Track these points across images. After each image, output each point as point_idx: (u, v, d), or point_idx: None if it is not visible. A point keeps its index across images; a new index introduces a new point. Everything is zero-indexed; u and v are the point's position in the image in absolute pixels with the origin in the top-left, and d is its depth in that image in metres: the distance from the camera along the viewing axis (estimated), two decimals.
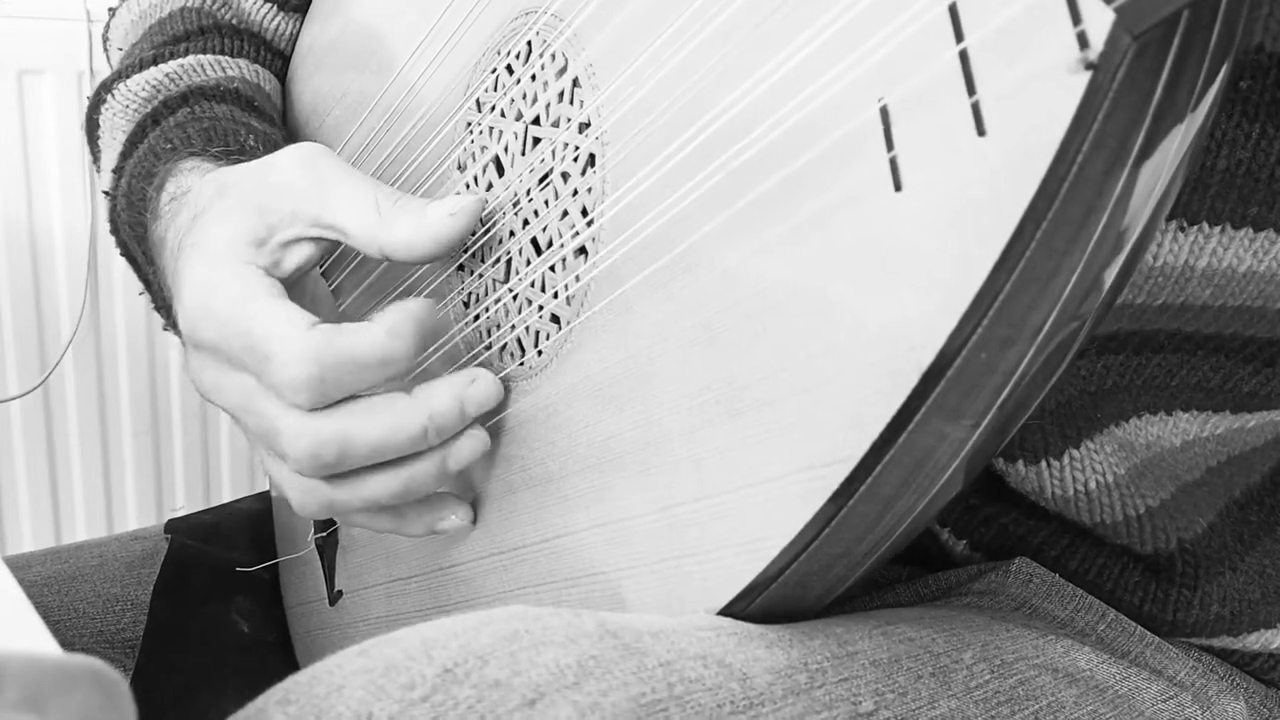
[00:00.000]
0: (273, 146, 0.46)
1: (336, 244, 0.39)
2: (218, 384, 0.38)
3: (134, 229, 0.47)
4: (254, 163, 0.40)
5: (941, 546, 0.45)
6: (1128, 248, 0.25)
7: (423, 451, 0.37)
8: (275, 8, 0.57)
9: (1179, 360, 0.39)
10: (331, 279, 0.49)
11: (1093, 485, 0.40)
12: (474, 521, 0.40)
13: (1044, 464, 0.40)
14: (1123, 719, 0.36)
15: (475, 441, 0.37)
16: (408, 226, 0.37)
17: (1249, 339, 0.39)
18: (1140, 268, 0.35)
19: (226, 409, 0.38)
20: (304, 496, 0.38)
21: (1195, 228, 0.34)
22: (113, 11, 0.60)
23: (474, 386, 0.36)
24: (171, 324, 0.51)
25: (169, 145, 0.46)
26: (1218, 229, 0.34)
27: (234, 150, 0.45)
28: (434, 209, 0.37)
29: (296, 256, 0.38)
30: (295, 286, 0.41)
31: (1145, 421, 0.40)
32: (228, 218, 0.38)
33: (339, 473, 0.36)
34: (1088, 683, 0.36)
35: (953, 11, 0.23)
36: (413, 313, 0.36)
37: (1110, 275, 0.25)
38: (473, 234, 0.40)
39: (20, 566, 0.57)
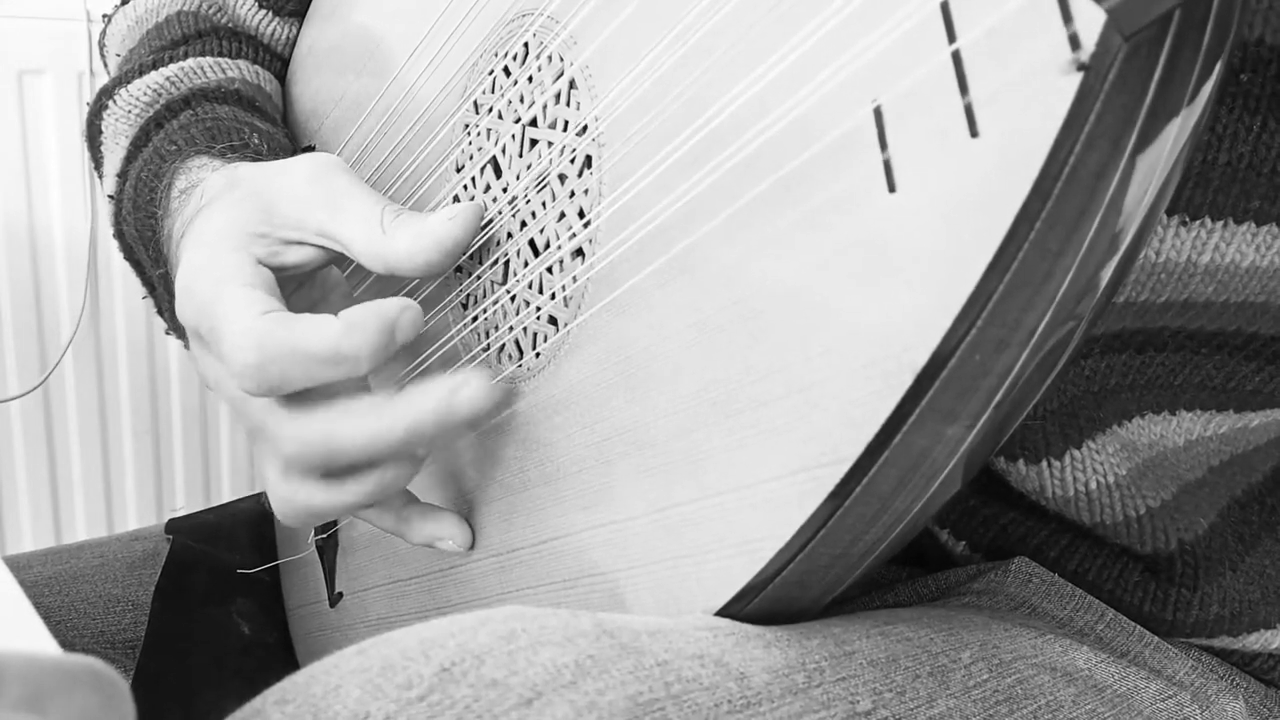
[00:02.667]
0: (276, 145, 0.47)
1: (340, 255, 0.39)
2: (215, 375, 0.38)
3: (140, 231, 0.47)
4: (269, 164, 0.40)
5: (941, 547, 0.45)
6: (1123, 248, 0.25)
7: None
8: (270, 13, 0.57)
9: (1182, 359, 0.39)
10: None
11: (1093, 485, 0.40)
12: (472, 547, 0.40)
13: (1045, 464, 0.40)
14: (1121, 718, 0.36)
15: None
16: (407, 237, 0.36)
17: (1252, 335, 0.39)
18: (1143, 264, 0.34)
19: (225, 401, 0.38)
20: (284, 506, 0.38)
21: (1197, 223, 0.34)
22: (108, 18, 0.60)
23: (460, 394, 0.34)
24: (174, 328, 0.51)
25: (174, 147, 0.46)
26: (1220, 224, 0.34)
27: (239, 147, 0.45)
28: (432, 217, 0.37)
29: (296, 255, 0.38)
30: (306, 283, 0.41)
31: (1148, 421, 0.40)
32: (234, 208, 0.38)
33: (324, 475, 0.36)
34: (1086, 682, 0.36)
35: (945, 11, 0.23)
36: (381, 312, 0.34)
37: (1106, 276, 0.25)
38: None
39: (20, 566, 0.57)
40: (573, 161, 0.36)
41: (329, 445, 0.35)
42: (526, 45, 0.39)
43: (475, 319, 0.41)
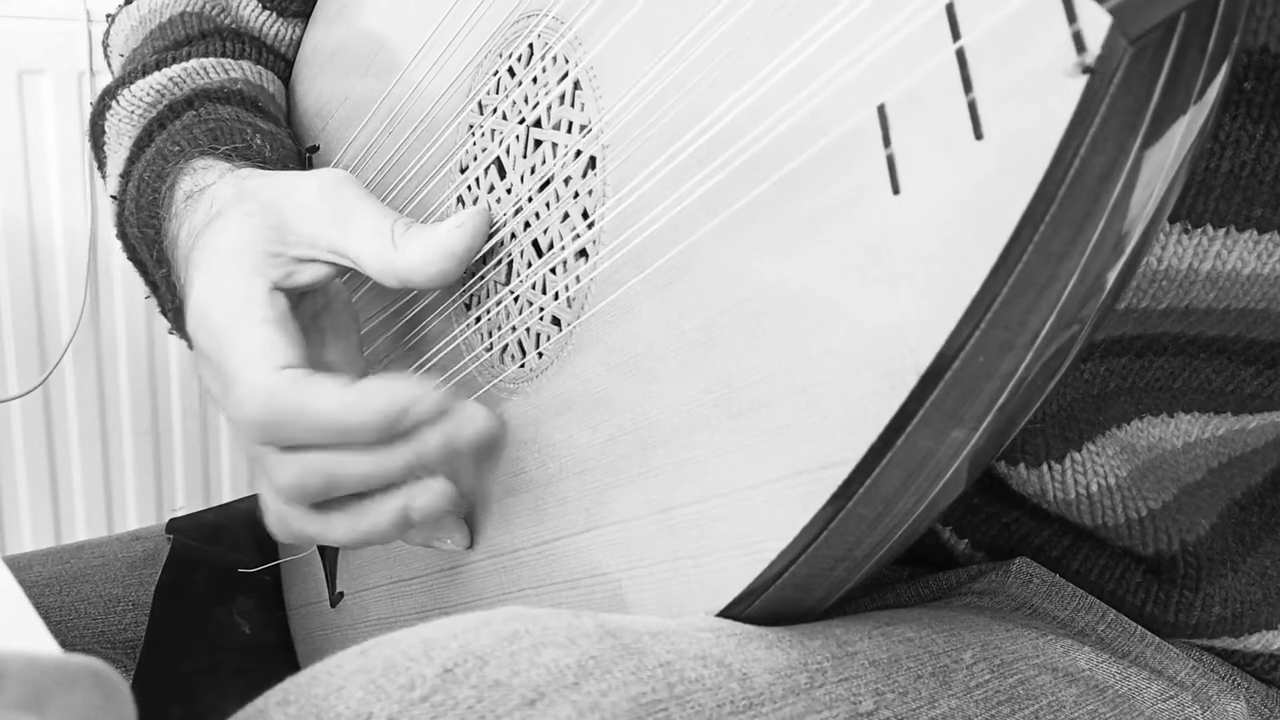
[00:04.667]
0: (279, 145, 0.47)
1: (350, 269, 0.39)
2: (222, 397, 0.38)
3: (143, 232, 0.47)
4: (278, 177, 0.40)
5: (943, 546, 0.45)
6: (1127, 251, 0.25)
7: (389, 495, 0.36)
8: (274, 15, 0.57)
9: (1182, 363, 0.39)
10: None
11: (1094, 488, 0.40)
12: (470, 546, 0.40)
13: (1045, 467, 0.40)
14: (1123, 718, 0.36)
15: (435, 496, 0.36)
16: (417, 248, 0.37)
17: (1252, 341, 0.39)
18: (1144, 271, 0.34)
19: (225, 418, 0.38)
20: (275, 524, 0.38)
21: (1199, 230, 0.34)
22: (111, 18, 0.60)
23: (468, 427, 0.35)
24: (177, 328, 0.51)
25: (177, 148, 0.46)
26: (1221, 231, 0.34)
27: (241, 149, 0.45)
28: (441, 226, 0.37)
29: (309, 275, 0.39)
30: (309, 294, 0.41)
31: (1147, 424, 0.40)
32: (245, 224, 0.38)
33: (318, 503, 0.37)
34: (1087, 682, 0.36)
35: (950, 11, 0.23)
36: (396, 393, 0.34)
37: (1110, 278, 0.25)
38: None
39: (20, 566, 0.57)
40: (577, 162, 0.36)
41: (331, 473, 0.35)
42: (531, 46, 0.39)
43: (478, 319, 0.41)
